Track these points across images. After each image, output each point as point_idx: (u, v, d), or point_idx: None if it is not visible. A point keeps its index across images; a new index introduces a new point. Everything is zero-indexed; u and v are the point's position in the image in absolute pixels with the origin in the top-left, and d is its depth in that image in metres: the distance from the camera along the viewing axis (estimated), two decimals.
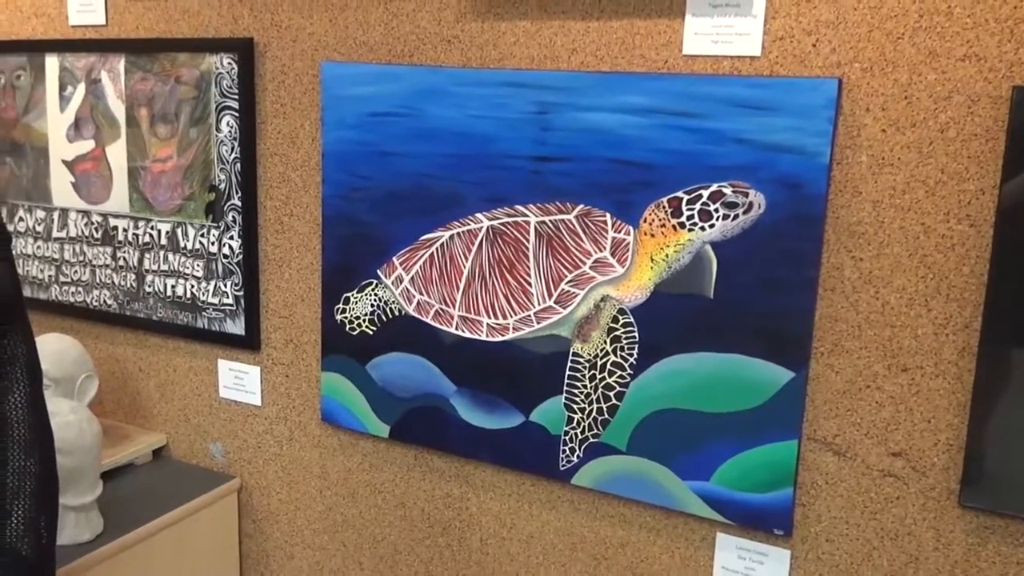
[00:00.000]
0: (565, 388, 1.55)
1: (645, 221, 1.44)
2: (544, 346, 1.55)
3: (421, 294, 1.65)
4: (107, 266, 2.02)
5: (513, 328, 1.57)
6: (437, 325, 1.64)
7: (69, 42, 1.99)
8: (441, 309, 1.64)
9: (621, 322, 1.48)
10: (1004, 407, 1.24)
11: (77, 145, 2.01)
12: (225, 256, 1.87)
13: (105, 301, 2.04)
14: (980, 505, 1.28)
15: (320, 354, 1.80)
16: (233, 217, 1.84)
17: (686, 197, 1.40)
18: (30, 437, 1.23)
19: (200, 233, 1.89)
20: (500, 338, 1.59)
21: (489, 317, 1.59)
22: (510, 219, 1.54)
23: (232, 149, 1.81)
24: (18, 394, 1.23)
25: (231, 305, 1.89)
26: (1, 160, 2.07)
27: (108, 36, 1.95)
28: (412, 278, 1.65)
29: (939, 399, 1.31)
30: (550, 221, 1.51)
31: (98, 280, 2.05)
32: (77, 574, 1.61)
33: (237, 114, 1.79)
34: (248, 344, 1.89)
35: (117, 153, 1.96)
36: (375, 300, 1.70)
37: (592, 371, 1.52)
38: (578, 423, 1.54)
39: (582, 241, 1.49)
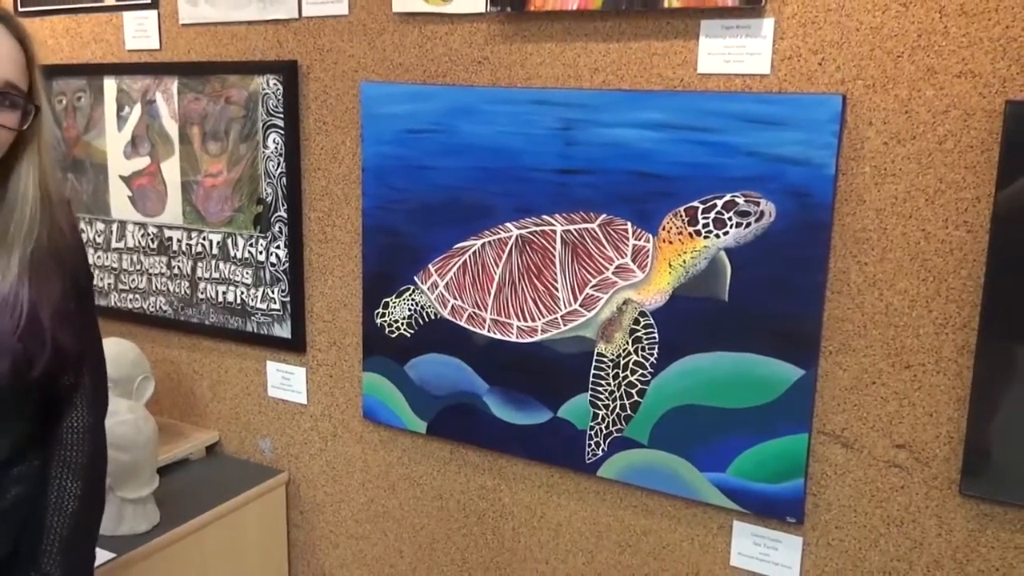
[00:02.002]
0: (590, 386, 1.57)
1: (663, 229, 1.47)
2: (570, 347, 1.57)
3: (455, 299, 1.68)
4: (162, 274, 2.07)
5: (541, 330, 1.60)
6: (470, 328, 1.67)
7: (126, 65, 2.04)
8: (474, 313, 1.67)
9: (642, 324, 1.51)
10: (1001, 401, 1.26)
11: (134, 161, 2.06)
12: (272, 264, 1.91)
13: (161, 307, 2.09)
14: (979, 494, 1.30)
15: (361, 355, 1.82)
16: (280, 228, 1.88)
17: (701, 206, 1.43)
18: (81, 462, 1.24)
19: (249, 243, 1.93)
20: (529, 340, 1.61)
21: (519, 320, 1.62)
22: (537, 228, 1.57)
23: (278, 164, 1.85)
24: (75, 420, 1.25)
25: (278, 310, 1.92)
26: (64, 176, 2.13)
27: (162, 60, 2.00)
28: (447, 284, 1.68)
29: (940, 394, 1.33)
30: (575, 230, 1.54)
31: (154, 288, 2.09)
32: (135, 562, 1.65)
33: (282, 131, 1.83)
34: (294, 347, 1.92)
35: (171, 169, 2.00)
36: (412, 305, 1.73)
37: (615, 370, 1.54)
38: (603, 419, 1.57)
39: (605, 248, 1.52)
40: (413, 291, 1.73)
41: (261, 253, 1.92)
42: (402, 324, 1.75)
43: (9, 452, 1.20)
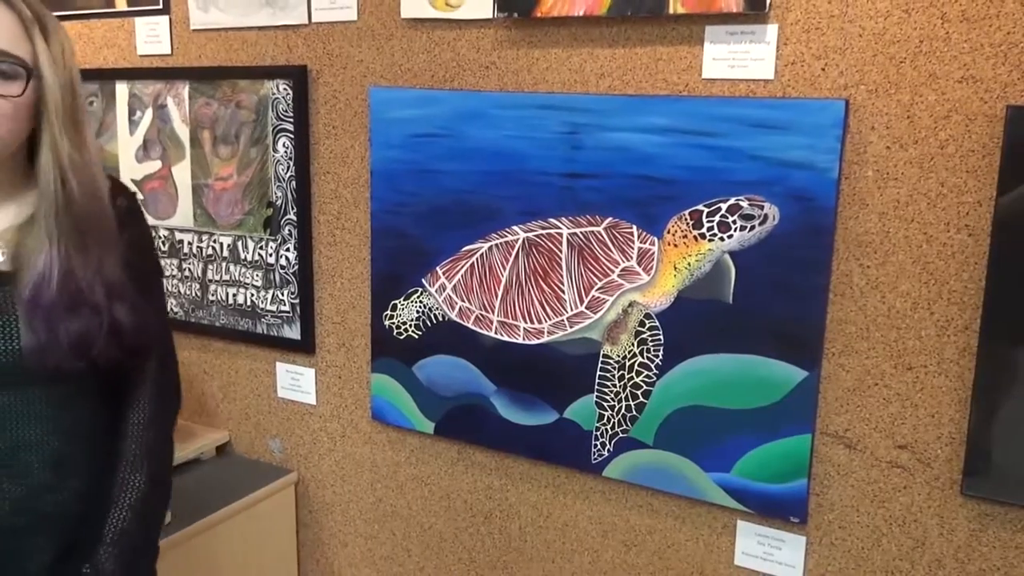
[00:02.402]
0: (596, 387, 1.58)
1: (668, 232, 1.48)
2: (576, 348, 1.59)
3: (463, 301, 1.69)
4: (174, 276, 2.08)
5: (548, 332, 1.61)
6: (477, 329, 1.68)
7: (138, 70, 2.04)
8: (481, 315, 1.68)
9: (647, 326, 1.52)
10: (1002, 403, 1.27)
11: (145, 165, 2.07)
12: (282, 267, 1.92)
13: (172, 309, 2.09)
14: (981, 494, 1.31)
15: (370, 357, 1.83)
16: (289, 231, 1.89)
17: (706, 210, 1.44)
18: (140, 454, 1.23)
19: (259, 246, 1.94)
20: (536, 341, 1.63)
21: (525, 322, 1.63)
22: (544, 231, 1.58)
23: (288, 168, 1.86)
24: (140, 414, 1.25)
25: (288, 312, 1.94)
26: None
27: (173, 65, 2.00)
28: (454, 286, 1.70)
29: (942, 395, 1.34)
30: (581, 233, 1.55)
31: (165, 290, 2.03)
32: None
33: (292, 136, 1.84)
34: (304, 348, 1.93)
35: (182, 172, 2.01)
36: (420, 307, 1.74)
37: (621, 371, 1.55)
38: (608, 419, 1.58)
39: (610, 251, 1.53)
40: (421, 293, 1.74)
41: (271, 256, 1.94)
42: (410, 326, 1.77)
43: (68, 441, 1.20)
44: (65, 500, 1.20)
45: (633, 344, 1.54)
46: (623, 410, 1.56)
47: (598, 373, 1.58)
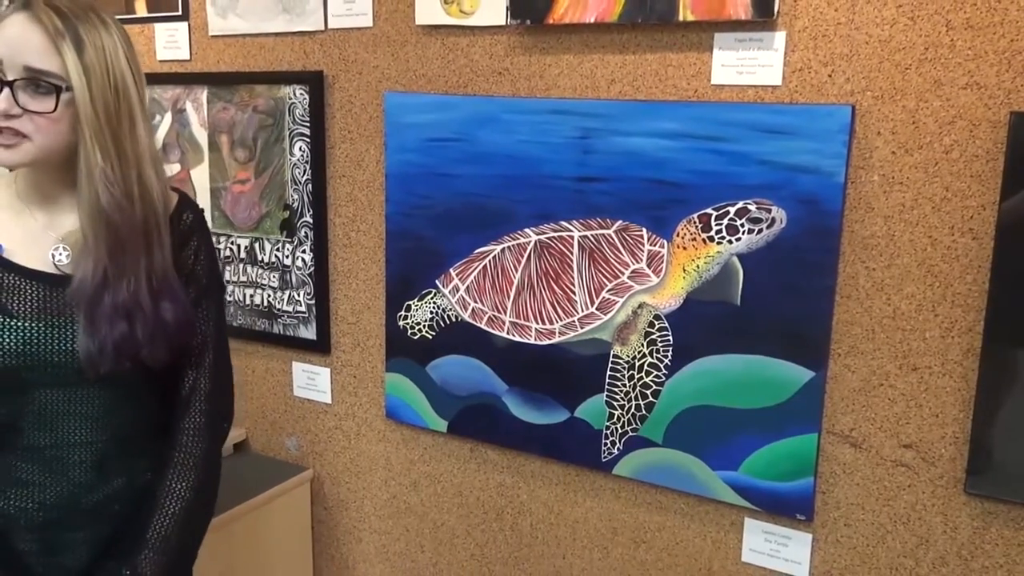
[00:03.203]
0: (606, 387, 1.60)
1: (678, 235, 1.50)
2: (587, 349, 1.60)
3: (476, 302, 1.71)
4: None
5: (559, 333, 1.63)
6: (490, 330, 1.70)
7: (157, 75, 2.05)
8: (494, 316, 1.70)
9: (657, 327, 1.54)
10: (1005, 403, 1.28)
11: (165, 168, 2.11)
12: (298, 268, 1.95)
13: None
14: (984, 492, 1.32)
15: (384, 356, 1.85)
16: (305, 233, 1.91)
17: (715, 213, 1.45)
18: (189, 464, 1.24)
19: (276, 247, 1.97)
20: (547, 342, 1.64)
21: (537, 323, 1.65)
22: (556, 234, 1.60)
23: (304, 171, 1.89)
24: (191, 424, 1.25)
25: (304, 313, 1.96)
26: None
27: (192, 70, 2.02)
28: (467, 287, 1.72)
29: (946, 396, 1.35)
30: (592, 236, 1.57)
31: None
32: None
33: (308, 140, 1.87)
34: (319, 348, 1.95)
35: (201, 175, 2.04)
36: (434, 308, 1.76)
37: (631, 371, 1.57)
38: (618, 418, 1.59)
39: (621, 254, 1.55)
40: (435, 294, 1.76)
41: (287, 257, 1.96)
42: (424, 326, 1.79)
43: (112, 443, 1.22)
44: (104, 500, 1.22)
45: (643, 345, 1.56)
46: (633, 409, 1.58)
47: (608, 373, 1.59)
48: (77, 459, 1.20)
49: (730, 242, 1.45)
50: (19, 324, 1.14)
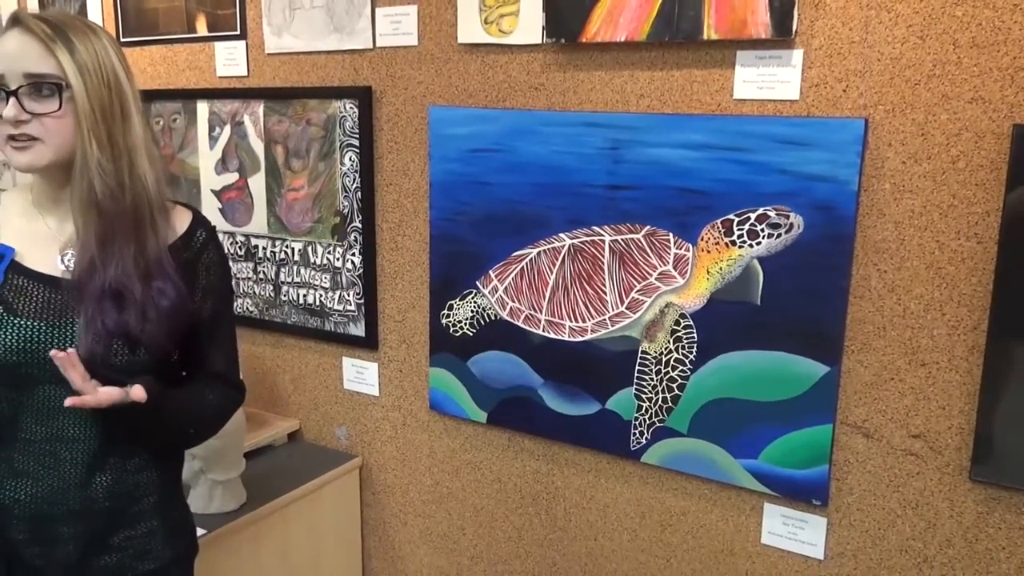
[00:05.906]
0: (635, 381, 1.64)
1: (702, 239, 1.54)
2: (617, 345, 1.65)
3: (513, 302, 1.76)
4: (249, 279, 2.18)
5: (591, 330, 1.67)
6: (527, 328, 1.75)
7: (217, 91, 2.14)
8: (530, 314, 1.74)
9: (682, 325, 1.58)
10: (1007, 396, 1.32)
11: (224, 177, 2.17)
12: (348, 270, 2.01)
13: (248, 308, 2.19)
14: (988, 479, 1.36)
15: (428, 352, 1.90)
16: (355, 237, 1.97)
17: (737, 219, 1.50)
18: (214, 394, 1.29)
19: (327, 251, 2.03)
20: (580, 339, 1.68)
21: (571, 321, 1.69)
22: (588, 238, 1.65)
23: (354, 180, 1.95)
24: (206, 380, 1.29)
25: (353, 311, 2.02)
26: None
27: (249, 85, 2.09)
28: (506, 288, 1.76)
29: (952, 389, 1.39)
30: (622, 240, 1.62)
31: (242, 291, 2.19)
32: (225, 537, 1.74)
33: (358, 150, 1.93)
34: (368, 344, 2.01)
35: (257, 184, 2.11)
36: (475, 307, 1.81)
37: (658, 366, 1.62)
38: (646, 410, 1.64)
39: (649, 257, 1.60)
40: (475, 295, 1.81)
41: (338, 260, 2.02)
42: (465, 324, 1.84)
43: (105, 441, 1.21)
44: (93, 496, 1.21)
45: (669, 341, 1.60)
46: (660, 402, 1.63)
47: (637, 368, 1.64)
48: (69, 455, 1.19)
49: (751, 246, 1.50)
50: (23, 323, 1.15)
